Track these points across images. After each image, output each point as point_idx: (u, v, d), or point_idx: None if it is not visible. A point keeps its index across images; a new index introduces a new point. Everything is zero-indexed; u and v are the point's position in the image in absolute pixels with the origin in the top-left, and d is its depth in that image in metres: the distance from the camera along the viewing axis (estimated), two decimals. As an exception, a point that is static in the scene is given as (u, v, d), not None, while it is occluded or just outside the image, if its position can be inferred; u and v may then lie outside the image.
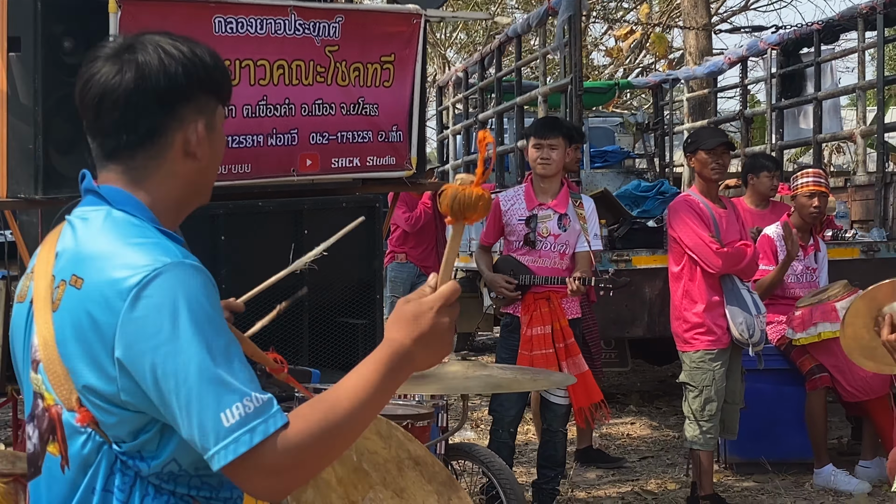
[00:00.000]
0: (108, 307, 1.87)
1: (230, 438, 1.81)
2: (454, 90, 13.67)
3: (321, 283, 5.68)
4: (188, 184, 2.07)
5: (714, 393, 6.31)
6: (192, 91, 2.03)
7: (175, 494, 1.97)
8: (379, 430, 2.49)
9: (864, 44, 10.22)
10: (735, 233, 6.42)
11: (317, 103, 5.56)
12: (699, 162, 6.38)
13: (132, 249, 1.91)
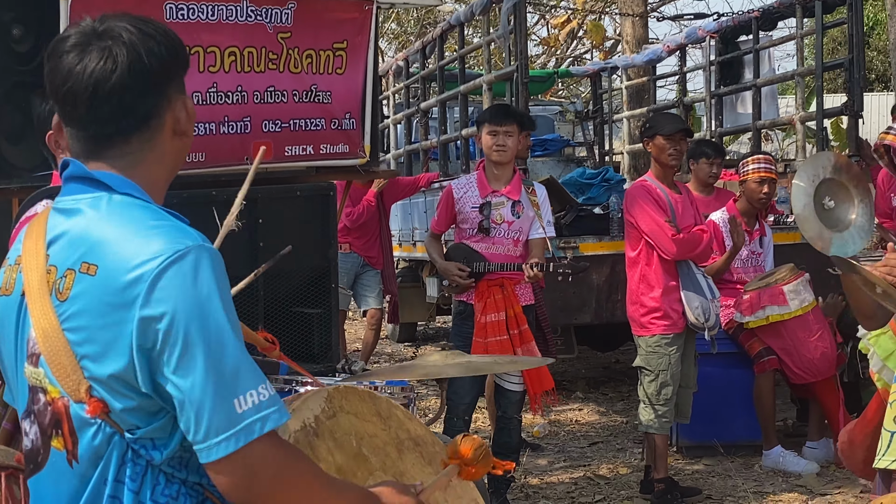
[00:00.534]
0: (127, 293, 1.84)
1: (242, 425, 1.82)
2: (394, 79, 13.62)
3: (275, 273, 5.62)
4: (175, 161, 2.07)
5: (670, 377, 6.36)
6: (175, 70, 2.02)
7: (186, 483, 1.94)
8: (379, 410, 2.47)
9: (802, 31, 10.33)
10: (690, 217, 6.47)
11: (269, 90, 5.51)
12: (657, 147, 6.41)
13: (151, 233, 1.88)
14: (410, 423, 2.52)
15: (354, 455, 2.31)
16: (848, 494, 6.48)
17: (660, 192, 6.38)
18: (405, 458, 2.40)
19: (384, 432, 2.44)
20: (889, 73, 26.42)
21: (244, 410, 1.81)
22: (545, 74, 16.21)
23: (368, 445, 2.36)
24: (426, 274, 11.41)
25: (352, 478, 2.22)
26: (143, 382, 1.85)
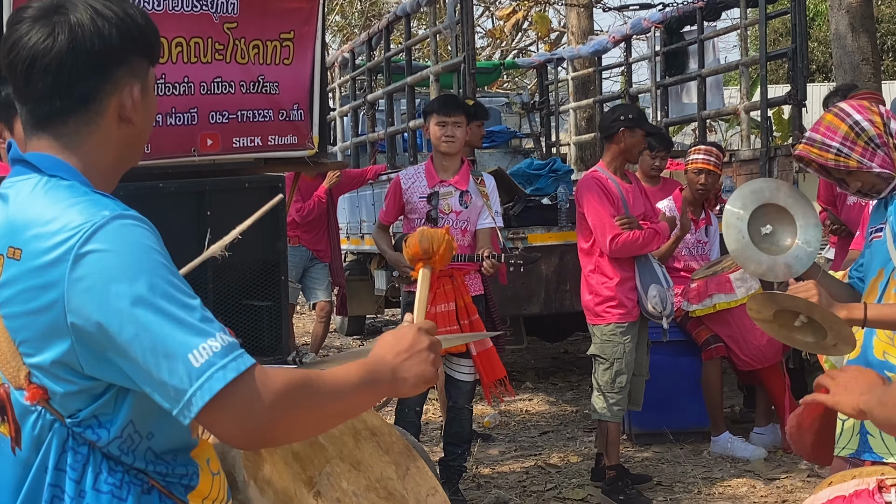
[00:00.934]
0: (52, 273, 1.80)
1: (203, 377, 1.76)
2: (340, 71, 13.57)
3: (225, 265, 5.57)
4: (123, 148, 2.00)
5: (624, 365, 6.39)
6: (126, 54, 1.95)
7: (130, 471, 1.90)
8: None
9: (746, 21, 10.43)
10: (641, 206, 6.52)
11: (216, 81, 5.46)
12: (634, 140, 6.44)
13: (67, 210, 1.83)
14: (367, 415, 2.52)
15: (311, 443, 2.30)
16: (795, 479, 6.56)
17: (611, 182, 6.41)
18: (362, 446, 2.39)
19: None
20: (830, 64, 26.74)
21: (201, 364, 1.76)
22: (491, 66, 16.21)
23: (325, 434, 2.35)
24: (374, 266, 11.39)
25: (309, 464, 2.21)
26: (85, 365, 1.82)
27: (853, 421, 3.68)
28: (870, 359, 3.66)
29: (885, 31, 36.35)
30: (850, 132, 3.54)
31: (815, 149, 3.60)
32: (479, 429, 7.96)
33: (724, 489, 6.48)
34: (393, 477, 2.47)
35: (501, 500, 6.39)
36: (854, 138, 3.53)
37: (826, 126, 3.59)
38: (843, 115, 3.57)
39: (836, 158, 3.56)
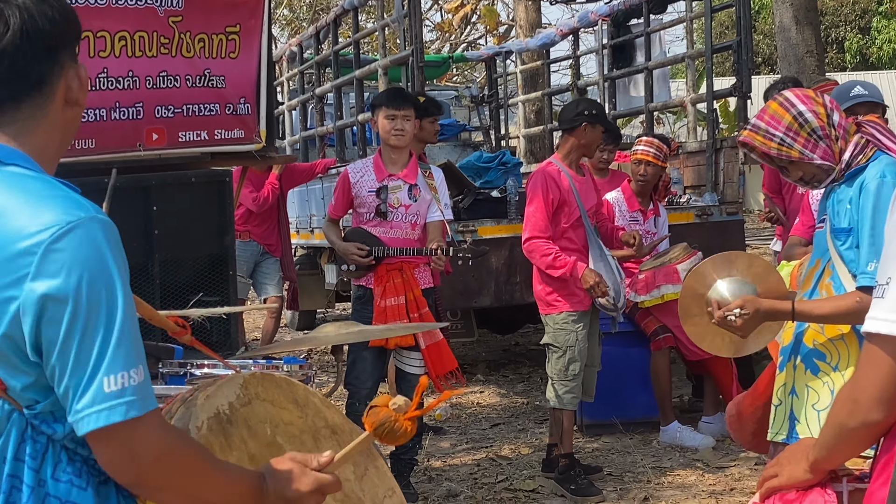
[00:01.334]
0: (19, 264, 1.80)
1: (106, 405, 1.78)
2: (288, 65, 13.52)
3: (172, 260, 5.57)
4: (67, 132, 2.02)
5: (577, 353, 6.43)
6: (69, 37, 1.98)
7: (88, 461, 1.91)
8: (296, 396, 2.42)
9: (691, 13, 10.51)
10: (592, 199, 6.57)
11: (161, 75, 5.42)
12: (594, 134, 6.46)
13: (42, 204, 1.83)
14: (328, 411, 2.49)
15: (268, 443, 2.28)
16: (743, 467, 6.63)
17: (563, 175, 6.43)
18: (322, 446, 2.36)
19: (300, 420, 2.40)
20: (775, 56, 26.99)
21: (111, 391, 1.78)
22: (440, 59, 16.21)
23: (284, 433, 2.33)
24: (324, 261, 11.36)
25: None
26: (33, 356, 1.82)
27: (785, 407, 3.74)
28: (800, 348, 3.72)
29: (829, 24, 36.77)
30: (794, 123, 3.58)
31: (759, 136, 3.63)
32: (431, 421, 7.97)
33: (674, 478, 6.53)
34: (350, 478, 2.45)
35: (453, 492, 6.40)
36: (797, 129, 3.57)
37: (771, 115, 3.62)
38: (788, 105, 3.61)
39: (779, 148, 3.60)
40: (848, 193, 3.57)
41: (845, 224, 3.55)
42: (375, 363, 6.21)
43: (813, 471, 2.30)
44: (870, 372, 2.04)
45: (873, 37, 37.59)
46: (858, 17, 38.14)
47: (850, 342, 3.59)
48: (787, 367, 3.76)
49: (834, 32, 37.82)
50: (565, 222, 6.43)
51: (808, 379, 3.66)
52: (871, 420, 2.06)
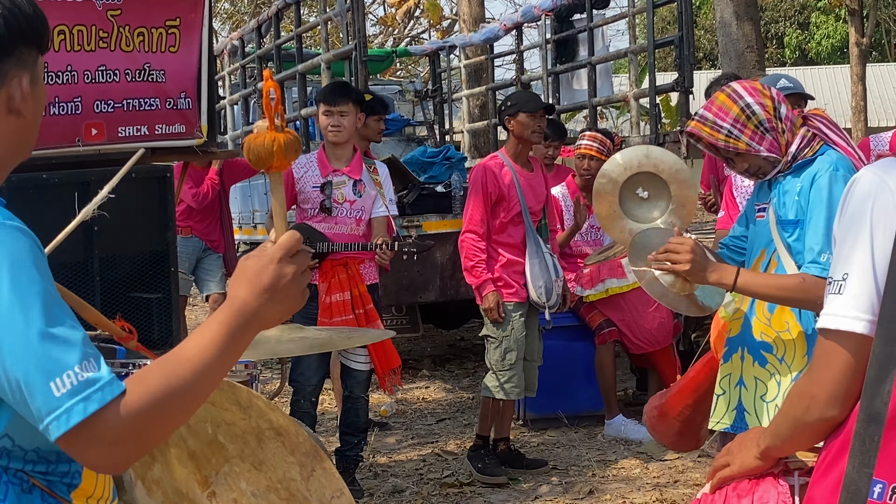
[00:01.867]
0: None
1: (62, 409, 1.70)
2: (229, 59, 13.41)
3: (112, 257, 5.49)
4: (12, 142, 1.92)
5: (513, 342, 6.46)
6: (13, 44, 1.87)
7: (8, 471, 1.84)
8: (238, 399, 2.39)
9: (634, 9, 10.55)
10: (536, 196, 6.56)
11: (100, 70, 5.34)
12: (520, 124, 6.45)
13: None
14: (273, 413, 2.46)
15: (209, 442, 2.24)
16: (686, 459, 6.67)
17: (507, 170, 6.44)
18: (266, 447, 2.33)
19: (244, 421, 2.37)
20: (716, 52, 27.20)
21: (61, 394, 1.71)
22: (383, 54, 16.15)
23: (226, 433, 2.30)
24: (269, 256, 11.27)
25: (206, 464, 2.15)
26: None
27: (729, 396, 3.76)
28: (747, 340, 3.74)
29: (769, 20, 37.18)
30: (742, 115, 3.59)
31: (706, 127, 3.64)
32: (376, 417, 7.94)
33: (618, 471, 6.56)
34: (296, 478, 2.42)
35: (399, 488, 6.38)
36: (744, 121, 3.59)
37: (718, 106, 3.63)
38: (736, 97, 3.62)
39: (727, 140, 3.61)
40: (795, 185, 3.58)
41: (792, 216, 3.56)
42: (320, 360, 6.19)
43: (763, 458, 2.30)
44: (827, 367, 2.04)
45: (812, 32, 38.07)
46: (797, 13, 38.61)
47: (796, 333, 3.62)
48: (734, 358, 3.77)
49: (773, 28, 38.25)
50: (504, 217, 6.46)
51: (756, 371, 3.68)
52: (828, 416, 2.07)
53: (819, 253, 3.43)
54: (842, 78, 31.99)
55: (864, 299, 1.98)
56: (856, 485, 1.92)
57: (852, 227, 2.02)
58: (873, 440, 1.91)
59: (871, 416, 1.92)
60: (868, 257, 1.99)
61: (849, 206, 2.05)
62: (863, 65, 17.40)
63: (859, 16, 17.67)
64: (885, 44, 32.97)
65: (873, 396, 1.93)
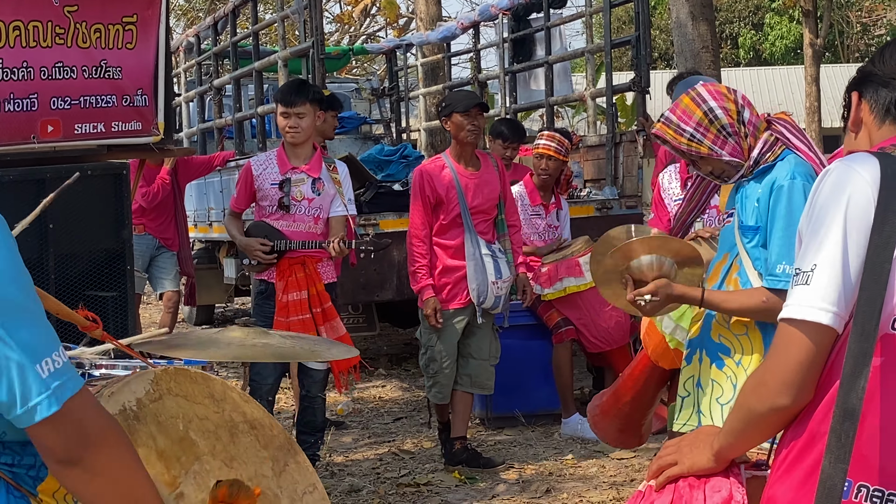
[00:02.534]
0: None
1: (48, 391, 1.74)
2: (185, 56, 13.31)
3: (67, 255, 5.44)
4: None
5: (436, 352, 6.60)
6: None
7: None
8: (212, 391, 2.38)
9: (591, 8, 10.59)
10: (485, 195, 6.57)
11: (57, 66, 5.28)
12: (455, 125, 6.50)
13: None
14: (247, 406, 2.45)
15: (180, 439, 2.23)
16: (643, 458, 6.71)
17: (448, 172, 6.52)
18: (238, 441, 2.32)
19: (217, 415, 2.36)
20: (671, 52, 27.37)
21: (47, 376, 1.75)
22: (340, 51, 16.11)
23: (198, 429, 2.28)
24: (223, 255, 11.22)
25: (175, 462, 2.13)
26: None
27: (693, 398, 3.75)
28: (706, 341, 3.73)
29: (724, 20, 37.46)
30: (704, 118, 3.60)
31: (670, 130, 3.65)
32: (332, 416, 7.93)
33: (575, 470, 6.59)
34: (268, 474, 2.41)
35: (355, 487, 6.37)
36: (707, 125, 3.60)
37: (682, 110, 3.64)
38: (699, 101, 3.63)
39: (689, 144, 3.62)
40: (756, 190, 3.59)
41: (752, 222, 3.57)
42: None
43: (717, 460, 2.30)
44: (783, 356, 2.05)
45: (766, 33, 38.40)
46: (752, 14, 38.92)
47: (754, 337, 3.62)
48: (694, 359, 3.78)
49: (728, 28, 38.55)
50: (444, 219, 6.56)
51: (713, 372, 3.69)
52: (779, 405, 2.07)
53: (776, 264, 3.45)
54: (796, 79, 32.31)
55: (832, 291, 1.99)
56: (832, 480, 1.93)
57: (825, 219, 2.02)
58: (848, 436, 1.92)
59: (847, 412, 1.94)
60: (839, 250, 2.00)
61: (820, 197, 2.05)
62: (817, 66, 17.56)
63: (813, 17, 17.84)
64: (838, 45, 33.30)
65: (848, 392, 1.94)
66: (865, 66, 2.32)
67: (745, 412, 2.17)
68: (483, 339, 6.70)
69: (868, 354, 1.94)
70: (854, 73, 2.36)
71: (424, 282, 6.51)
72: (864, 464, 1.98)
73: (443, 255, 6.56)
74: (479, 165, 6.64)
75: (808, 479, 2.00)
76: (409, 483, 6.43)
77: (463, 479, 6.42)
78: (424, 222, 6.51)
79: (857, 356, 1.94)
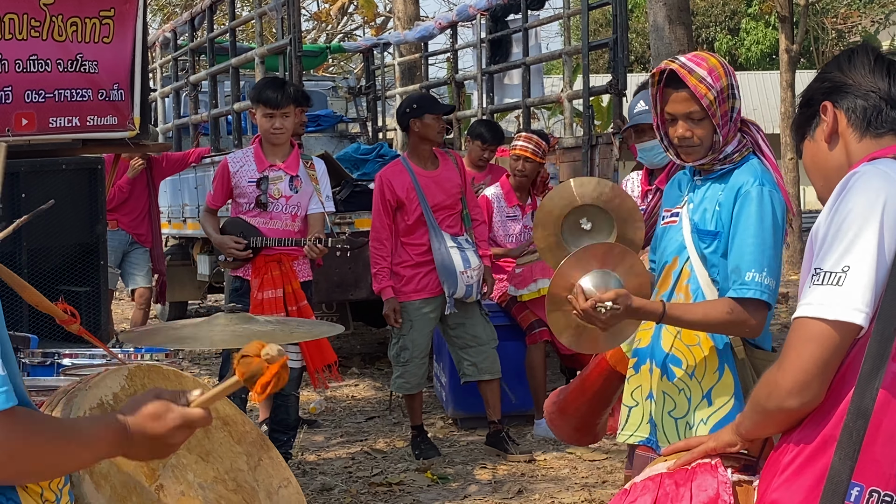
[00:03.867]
0: None
1: None
2: (161, 51, 13.26)
3: (41, 249, 5.42)
4: None
5: (408, 341, 6.79)
6: None
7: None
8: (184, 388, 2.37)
9: (568, 10, 10.61)
10: (446, 191, 6.71)
11: (32, 59, 5.26)
12: (426, 126, 6.63)
13: None
14: (220, 404, 2.45)
15: None
16: (615, 459, 6.72)
17: (406, 175, 6.68)
18: (213, 436, 2.32)
19: None
20: (648, 55, 27.47)
21: None
22: (317, 49, 16.08)
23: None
24: (197, 251, 11.19)
25: (152, 457, 2.12)
26: None
27: (642, 408, 3.62)
28: (656, 351, 3.56)
29: (700, 24, 37.61)
30: (727, 89, 3.39)
31: (694, 78, 3.37)
32: (305, 415, 7.91)
33: (547, 471, 6.59)
34: (244, 468, 2.41)
35: (327, 486, 6.36)
36: (725, 97, 3.39)
37: (711, 67, 3.38)
38: (728, 72, 3.40)
39: (711, 101, 3.35)
40: (717, 194, 3.41)
41: (712, 227, 3.39)
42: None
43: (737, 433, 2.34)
44: (797, 357, 2.05)
45: (742, 38, 38.57)
46: (728, 18, 39.08)
47: (707, 349, 3.46)
48: (643, 369, 3.61)
49: (704, 33, 38.69)
50: (408, 220, 6.71)
51: (664, 385, 3.53)
52: (787, 406, 2.09)
53: (744, 272, 3.27)
54: (771, 84, 32.46)
55: (868, 292, 1.99)
56: (839, 476, 1.94)
57: (857, 221, 2.01)
58: (859, 434, 1.93)
59: (861, 411, 1.94)
60: (874, 252, 1.99)
61: (850, 199, 2.04)
62: (792, 71, 17.61)
63: (789, 23, 17.91)
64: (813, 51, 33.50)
65: (864, 391, 1.95)
66: (832, 74, 2.28)
67: (755, 405, 2.21)
68: (476, 325, 6.90)
69: (885, 356, 1.95)
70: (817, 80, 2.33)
71: (385, 283, 6.72)
72: (877, 469, 1.99)
73: (411, 252, 6.74)
74: (437, 163, 6.79)
75: (820, 484, 2.00)
76: (381, 482, 6.42)
77: (435, 479, 6.42)
78: (384, 226, 6.70)
79: (875, 357, 1.95)
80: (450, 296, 6.73)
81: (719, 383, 3.43)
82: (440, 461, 6.80)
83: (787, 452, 2.11)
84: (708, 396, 3.43)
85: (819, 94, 2.27)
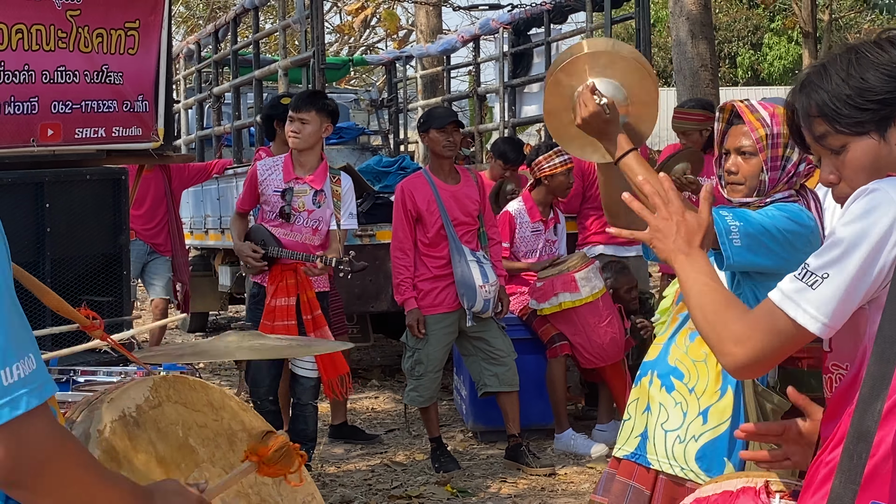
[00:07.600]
0: None
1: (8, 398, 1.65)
2: (185, 63, 13.32)
3: (64, 259, 5.44)
4: None
5: (423, 356, 6.83)
6: None
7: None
8: (211, 400, 2.37)
9: (591, 24, 10.61)
10: (464, 207, 6.80)
11: (59, 70, 5.30)
12: (432, 140, 6.77)
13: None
14: (245, 415, 2.44)
15: (180, 446, 2.21)
16: (635, 475, 6.69)
17: (428, 187, 6.73)
18: (238, 450, 2.31)
19: (216, 423, 2.35)
20: (670, 70, 27.44)
21: (10, 383, 1.66)
22: (340, 62, 16.14)
23: (197, 436, 2.27)
24: (219, 262, 11.21)
25: (175, 469, 2.12)
26: None
27: (634, 422, 3.56)
28: (659, 363, 3.53)
29: (723, 39, 37.55)
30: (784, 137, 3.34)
31: (753, 116, 3.37)
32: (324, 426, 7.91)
33: (567, 486, 6.58)
34: (268, 482, 2.41)
35: (347, 498, 6.36)
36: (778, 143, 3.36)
37: (773, 114, 3.38)
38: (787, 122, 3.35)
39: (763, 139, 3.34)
40: None
41: None
42: (270, 361, 6.21)
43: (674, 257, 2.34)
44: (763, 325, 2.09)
45: (764, 53, 38.48)
46: (751, 34, 38.99)
47: (712, 366, 3.42)
48: (643, 381, 3.58)
49: (727, 47, 38.62)
50: (429, 233, 6.78)
51: (662, 396, 3.48)
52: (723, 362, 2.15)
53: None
54: (792, 99, 32.31)
55: (833, 304, 2.01)
56: (841, 500, 1.92)
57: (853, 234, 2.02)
58: (861, 457, 1.91)
59: (861, 434, 1.93)
60: (854, 270, 2.00)
61: (856, 210, 2.04)
62: (814, 87, 17.61)
63: (813, 38, 17.89)
64: (835, 67, 33.46)
65: (864, 414, 1.93)
66: None
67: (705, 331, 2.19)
68: (496, 338, 6.95)
69: (887, 378, 1.93)
70: None
71: (408, 294, 6.75)
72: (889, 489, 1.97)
73: (431, 265, 6.79)
74: (458, 179, 6.87)
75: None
76: (400, 495, 6.41)
77: (455, 493, 6.41)
78: (407, 237, 6.75)
79: (876, 379, 1.94)
80: (469, 309, 6.76)
81: (718, 403, 3.38)
82: (460, 474, 6.79)
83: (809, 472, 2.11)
84: (704, 414, 3.39)
85: None
